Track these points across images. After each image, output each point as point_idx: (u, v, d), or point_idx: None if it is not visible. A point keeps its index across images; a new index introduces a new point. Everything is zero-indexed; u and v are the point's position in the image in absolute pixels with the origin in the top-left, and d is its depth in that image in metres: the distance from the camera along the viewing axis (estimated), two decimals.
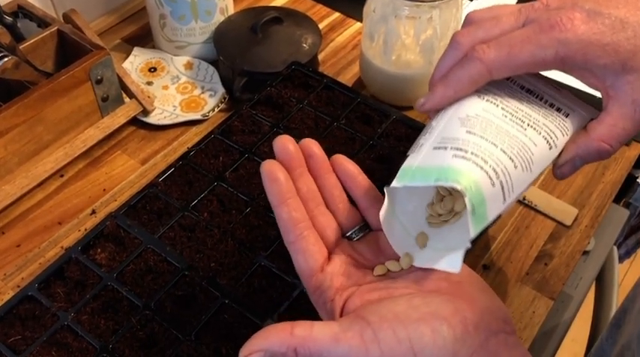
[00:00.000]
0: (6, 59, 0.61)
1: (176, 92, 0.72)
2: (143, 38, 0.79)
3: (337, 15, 0.84)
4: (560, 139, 0.41)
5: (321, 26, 0.80)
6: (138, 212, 0.55)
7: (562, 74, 0.42)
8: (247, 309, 0.48)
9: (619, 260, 0.80)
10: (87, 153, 0.66)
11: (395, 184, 0.38)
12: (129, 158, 0.66)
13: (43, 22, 0.66)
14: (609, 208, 0.64)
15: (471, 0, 0.84)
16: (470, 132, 0.39)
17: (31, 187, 0.61)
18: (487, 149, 0.38)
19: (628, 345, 0.49)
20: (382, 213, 0.39)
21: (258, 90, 0.65)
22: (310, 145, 0.42)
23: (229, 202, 0.56)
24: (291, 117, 0.62)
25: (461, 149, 0.37)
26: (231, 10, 0.75)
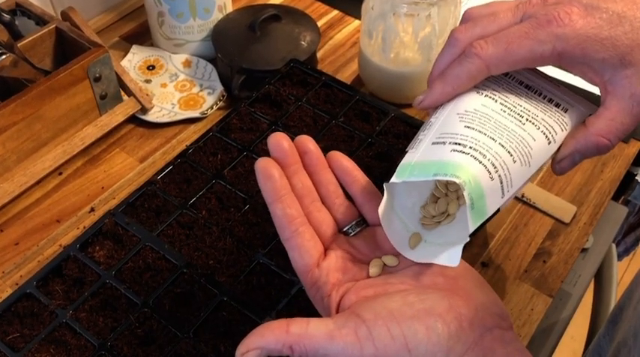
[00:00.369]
0: (4, 57, 0.61)
1: (174, 90, 0.72)
2: (141, 36, 0.79)
3: (336, 12, 0.84)
4: (558, 134, 0.41)
5: (320, 24, 0.80)
6: (136, 210, 0.55)
7: (559, 71, 0.42)
8: (246, 306, 0.48)
9: (618, 258, 0.80)
10: (85, 151, 0.66)
11: (394, 180, 0.38)
12: (127, 156, 0.66)
13: (41, 20, 0.66)
14: (608, 206, 0.64)
15: None
16: (468, 127, 0.39)
17: (30, 185, 0.61)
18: (486, 143, 0.38)
19: (624, 342, 0.49)
20: (381, 209, 0.39)
21: (256, 88, 0.65)
22: (305, 142, 0.42)
23: (228, 200, 0.56)
24: (289, 115, 0.62)
25: (459, 144, 0.37)
26: (229, 8, 0.75)
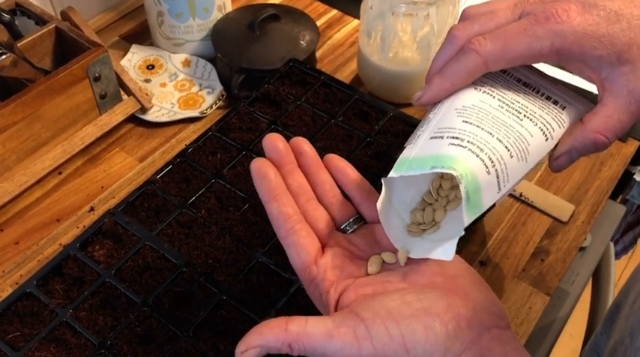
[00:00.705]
0: (4, 57, 0.61)
1: (174, 89, 0.72)
2: (141, 36, 0.79)
3: (335, 12, 0.84)
4: (556, 131, 0.41)
5: (319, 23, 0.80)
6: (136, 209, 0.55)
7: (557, 71, 0.42)
8: (245, 305, 0.49)
9: (616, 257, 0.80)
10: (85, 150, 0.66)
11: (392, 175, 0.38)
12: (127, 155, 0.67)
13: (41, 20, 0.66)
14: (606, 205, 0.64)
15: None
16: (466, 121, 0.39)
17: (30, 185, 0.61)
18: (483, 138, 0.38)
19: (621, 340, 0.50)
20: (379, 204, 0.39)
21: (255, 87, 0.65)
22: (301, 143, 0.42)
23: (227, 199, 0.56)
24: (288, 114, 0.63)
25: (457, 138, 0.38)
26: (228, 8, 0.75)
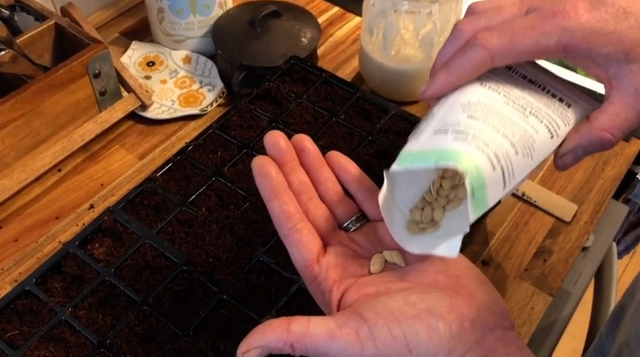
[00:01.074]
0: (3, 53, 0.60)
1: (174, 86, 0.71)
2: (141, 32, 0.78)
3: (336, 9, 0.83)
4: (562, 129, 0.41)
5: (320, 20, 0.80)
6: (136, 207, 0.55)
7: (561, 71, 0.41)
8: (245, 304, 0.48)
9: (618, 256, 0.80)
10: (85, 147, 0.65)
11: (395, 168, 0.38)
12: (127, 153, 0.66)
13: (41, 16, 0.66)
14: (609, 204, 0.64)
15: None
16: (471, 117, 0.38)
17: (29, 182, 0.61)
18: (488, 134, 0.37)
19: (627, 342, 0.49)
20: (381, 197, 0.38)
21: (256, 84, 0.64)
22: (303, 141, 0.42)
23: (228, 198, 0.55)
24: (289, 112, 0.62)
25: (462, 132, 0.37)
26: (229, 4, 0.75)
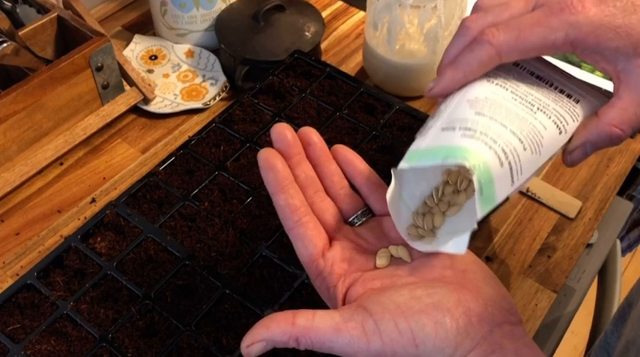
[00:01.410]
0: (5, 45, 0.60)
1: (177, 80, 0.71)
2: (144, 25, 0.78)
3: (340, 3, 0.83)
4: (570, 125, 0.40)
5: (324, 15, 0.79)
6: (138, 201, 0.55)
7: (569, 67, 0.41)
8: (248, 299, 0.48)
9: (621, 253, 0.79)
10: (87, 141, 0.65)
11: (402, 166, 0.37)
12: (129, 147, 0.66)
13: (43, 8, 0.65)
14: (613, 201, 0.63)
15: None
16: (479, 113, 0.38)
17: (31, 175, 0.61)
18: (496, 130, 0.37)
19: (634, 340, 0.49)
20: (389, 195, 0.38)
21: (260, 79, 0.64)
22: (309, 134, 0.42)
23: (230, 192, 0.55)
24: (293, 106, 0.62)
25: (470, 129, 0.37)
26: None
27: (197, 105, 0.68)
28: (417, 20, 0.64)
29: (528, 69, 0.43)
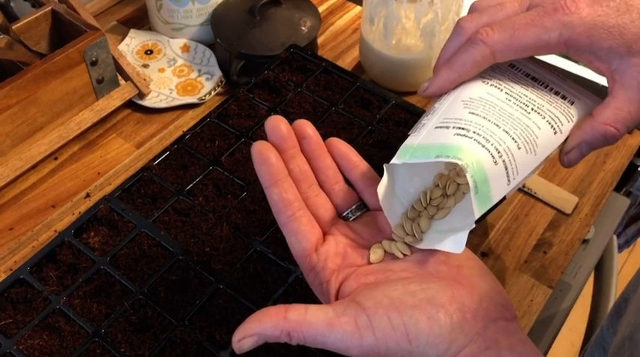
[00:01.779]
0: None
1: (172, 75, 0.71)
2: (140, 20, 0.77)
3: None
4: (565, 126, 0.40)
5: (321, 9, 0.79)
6: (132, 196, 0.54)
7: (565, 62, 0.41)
8: (242, 294, 0.48)
9: (618, 249, 0.79)
10: (81, 136, 0.65)
11: (394, 161, 0.37)
12: (124, 141, 0.66)
13: (37, 2, 0.65)
14: (610, 197, 0.63)
15: None
16: (473, 113, 0.38)
17: (25, 170, 0.60)
18: (489, 129, 0.37)
19: (630, 335, 0.49)
20: (380, 190, 0.38)
21: (255, 73, 0.64)
22: (304, 126, 0.41)
23: (225, 187, 0.55)
24: (288, 101, 0.61)
25: (463, 128, 0.37)
26: None
27: (192, 100, 0.68)
28: (414, 15, 0.64)
29: (524, 70, 0.43)
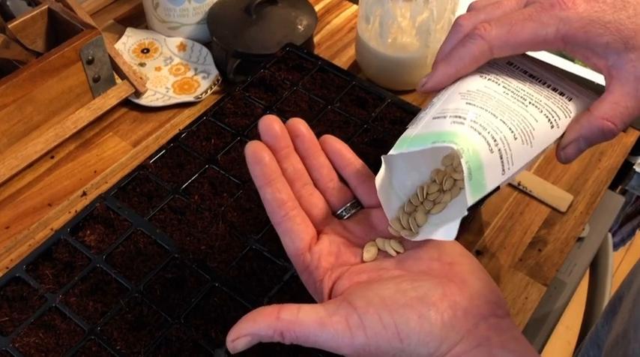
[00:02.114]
0: None
1: (169, 74, 0.71)
2: (136, 19, 0.78)
3: None
4: (562, 120, 0.41)
5: (317, 8, 0.79)
6: (128, 194, 0.54)
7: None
8: (237, 292, 0.48)
9: (614, 248, 0.79)
10: (78, 134, 0.65)
11: (392, 152, 0.38)
12: (120, 140, 0.66)
13: (34, 1, 0.65)
14: (605, 195, 0.63)
15: None
16: (470, 103, 0.39)
17: (21, 168, 0.61)
18: (486, 118, 0.37)
19: (624, 333, 0.49)
20: (378, 180, 0.38)
21: (251, 72, 0.64)
22: (297, 125, 0.41)
23: (221, 185, 0.55)
24: (284, 99, 0.62)
25: (460, 117, 0.37)
26: None
27: (189, 98, 0.68)
28: (409, 13, 0.64)
29: (521, 68, 0.43)
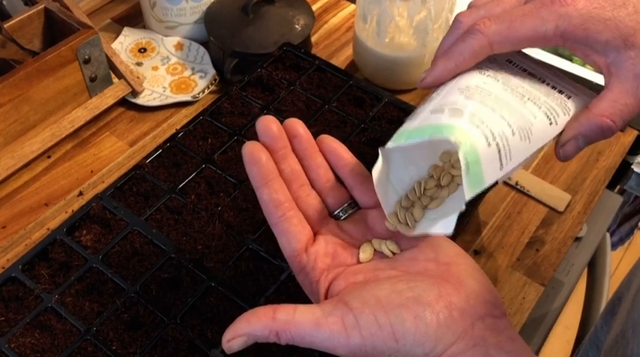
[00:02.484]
0: None
1: (166, 73, 0.71)
2: (133, 18, 0.77)
3: None
4: (561, 117, 0.41)
5: (315, 7, 0.79)
6: (124, 194, 0.54)
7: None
8: (234, 292, 0.48)
9: (612, 247, 0.79)
10: (74, 134, 0.65)
11: (389, 145, 0.37)
12: (117, 140, 0.66)
13: (30, 0, 0.65)
14: (603, 195, 0.63)
15: None
16: (468, 98, 0.38)
17: (17, 168, 0.60)
18: (485, 113, 0.37)
19: (623, 334, 0.49)
20: (375, 174, 0.38)
21: (248, 71, 0.64)
22: (295, 125, 0.41)
23: (217, 185, 0.55)
24: (281, 99, 0.61)
25: (458, 110, 0.37)
26: None
27: (186, 98, 0.68)
28: (407, 13, 0.64)
29: (521, 66, 0.43)
